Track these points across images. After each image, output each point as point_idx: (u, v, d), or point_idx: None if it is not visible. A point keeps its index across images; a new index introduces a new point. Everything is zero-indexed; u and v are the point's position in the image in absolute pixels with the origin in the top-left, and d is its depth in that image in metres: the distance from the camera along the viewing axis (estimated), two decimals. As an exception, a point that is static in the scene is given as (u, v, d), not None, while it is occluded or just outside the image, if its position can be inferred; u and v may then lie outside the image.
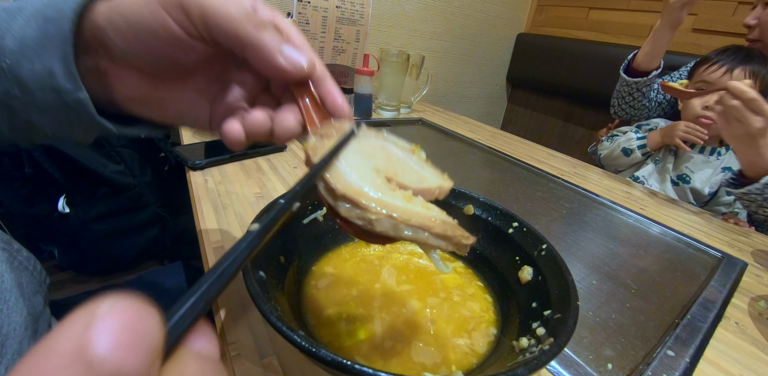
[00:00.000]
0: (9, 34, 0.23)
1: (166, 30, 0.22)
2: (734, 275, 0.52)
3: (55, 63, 0.22)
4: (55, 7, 0.22)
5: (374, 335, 0.30)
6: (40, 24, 0.22)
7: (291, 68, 0.22)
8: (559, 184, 0.77)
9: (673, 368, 0.35)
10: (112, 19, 0.22)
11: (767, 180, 0.62)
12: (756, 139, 0.61)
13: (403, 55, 1.05)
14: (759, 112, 0.59)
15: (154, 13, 0.21)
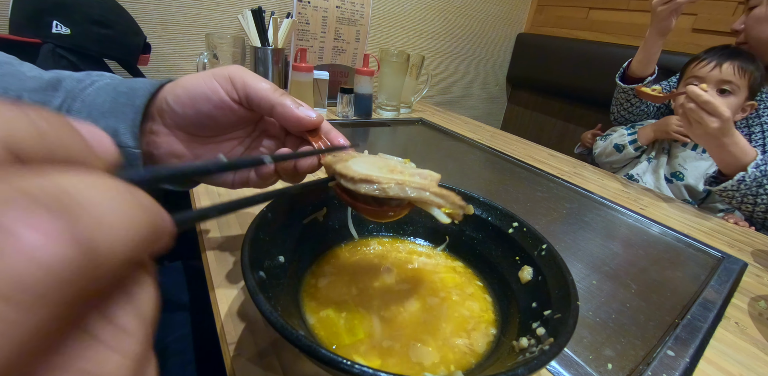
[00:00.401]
0: (79, 98, 0.30)
1: (217, 95, 0.30)
2: (734, 275, 0.52)
3: (120, 125, 0.30)
4: (127, 85, 0.31)
5: (373, 334, 0.30)
6: (112, 96, 0.30)
7: (307, 118, 0.31)
8: (559, 184, 0.77)
9: (673, 368, 0.35)
10: (174, 90, 0.30)
11: (740, 176, 0.66)
12: (718, 138, 0.65)
13: (403, 55, 1.05)
14: (714, 113, 0.64)
15: (209, 83, 0.30)
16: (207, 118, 0.31)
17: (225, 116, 0.31)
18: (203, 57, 0.85)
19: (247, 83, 0.30)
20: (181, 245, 0.71)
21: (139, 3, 0.89)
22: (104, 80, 0.32)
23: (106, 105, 0.30)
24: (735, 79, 0.80)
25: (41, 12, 0.67)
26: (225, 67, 0.30)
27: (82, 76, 0.32)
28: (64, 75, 0.33)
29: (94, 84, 0.31)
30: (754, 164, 0.65)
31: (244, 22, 0.88)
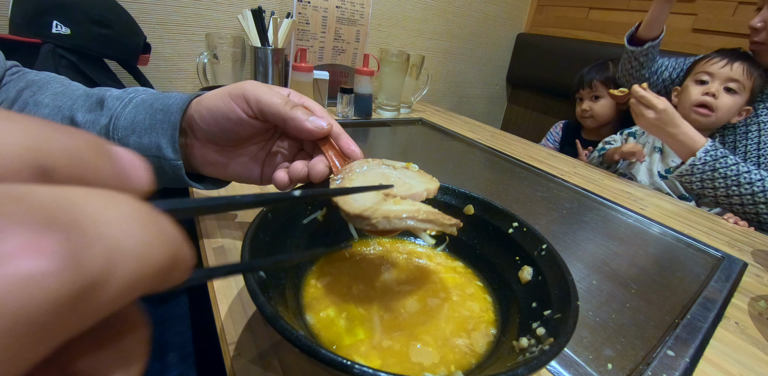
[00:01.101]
0: (122, 116, 0.34)
1: (235, 114, 0.33)
2: (734, 275, 0.52)
3: (162, 140, 0.34)
4: (161, 101, 0.35)
5: (373, 334, 0.30)
6: (150, 112, 0.34)
7: (316, 129, 0.33)
8: (559, 184, 0.77)
9: (673, 368, 0.35)
10: (199, 109, 0.34)
11: (691, 161, 0.73)
12: (662, 128, 0.75)
13: (403, 55, 1.05)
14: (649, 106, 0.74)
15: (227, 103, 0.33)
16: (230, 133, 0.34)
17: (245, 130, 0.34)
18: (203, 57, 0.85)
19: (260, 100, 0.32)
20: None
21: (139, 3, 0.89)
22: (139, 96, 0.36)
23: (147, 122, 0.34)
24: (742, 79, 0.82)
25: (41, 12, 0.67)
26: (240, 85, 0.33)
27: (121, 93, 0.36)
28: (106, 94, 0.36)
29: (132, 101, 0.35)
30: (704, 150, 0.72)
31: (244, 22, 0.88)
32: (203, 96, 0.34)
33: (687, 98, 0.88)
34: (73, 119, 0.35)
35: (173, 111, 0.34)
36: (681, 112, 0.89)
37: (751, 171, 0.71)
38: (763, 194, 0.71)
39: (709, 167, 0.72)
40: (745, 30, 0.89)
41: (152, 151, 0.34)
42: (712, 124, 0.87)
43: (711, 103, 0.84)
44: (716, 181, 0.72)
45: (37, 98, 0.37)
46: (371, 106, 1.06)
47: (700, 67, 0.88)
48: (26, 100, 0.37)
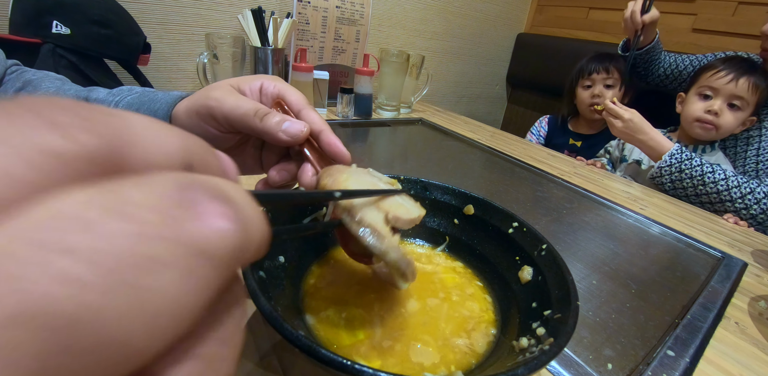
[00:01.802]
0: None
1: (208, 132, 0.31)
2: (734, 275, 0.52)
3: None
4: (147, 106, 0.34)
5: (373, 334, 0.30)
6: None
7: (290, 139, 0.30)
8: (559, 184, 0.77)
9: (673, 368, 0.35)
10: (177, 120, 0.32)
11: (659, 164, 0.80)
12: (632, 135, 0.84)
13: (403, 55, 1.05)
14: (616, 116, 0.85)
15: (196, 123, 0.31)
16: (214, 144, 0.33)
17: (227, 142, 0.33)
18: (203, 57, 0.85)
19: (228, 116, 0.29)
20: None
21: (139, 3, 0.89)
22: (125, 100, 0.35)
23: None
24: (747, 96, 0.82)
25: (41, 12, 0.67)
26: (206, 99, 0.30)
27: (106, 96, 0.36)
28: (91, 98, 0.36)
29: (117, 106, 0.35)
30: (669, 154, 0.79)
31: (244, 22, 0.88)
32: (176, 113, 0.32)
33: (689, 113, 0.88)
34: None
35: (159, 117, 0.33)
36: (684, 123, 0.90)
37: (715, 171, 0.76)
38: (727, 192, 0.75)
39: (675, 169, 0.78)
40: (746, 30, 0.89)
41: None
42: (714, 137, 0.88)
43: (712, 121, 0.84)
44: (684, 182, 0.78)
45: None
46: (371, 106, 1.06)
47: (705, 80, 0.86)
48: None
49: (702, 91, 0.86)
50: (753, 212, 0.75)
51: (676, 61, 1.06)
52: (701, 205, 0.80)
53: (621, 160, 1.05)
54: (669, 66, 1.07)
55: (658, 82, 1.11)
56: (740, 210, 0.76)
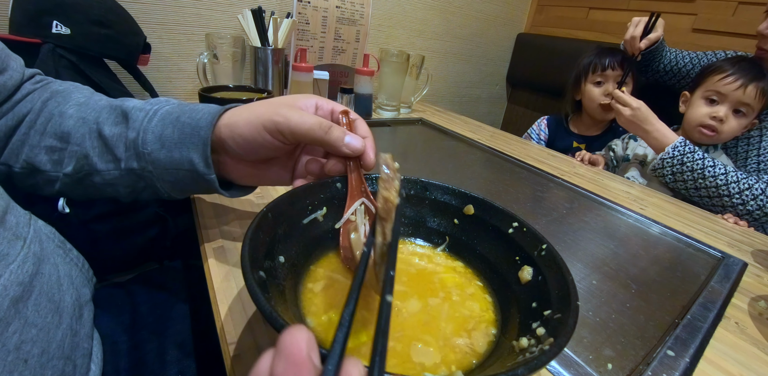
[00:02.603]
0: (149, 130, 0.35)
1: (269, 143, 0.34)
2: (734, 275, 0.52)
3: (194, 155, 0.35)
4: (188, 115, 0.35)
5: (374, 335, 0.30)
6: (177, 126, 0.35)
7: (351, 153, 0.35)
8: (559, 184, 0.77)
9: (673, 368, 0.35)
10: (233, 136, 0.34)
11: (661, 155, 0.81)
12: (639, 125, 0.84)
13: (403, 55, 1.05)
14: (624, 104, 0.85)
15: (262, 134, 0.33)
16: (265, 156, 0.37)
17: (282, 151, 0.37)
18: (203, 57, 0.86)
19: (295, 131, 0.33)
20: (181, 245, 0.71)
21: (139, 3, 0.89)
22: (164, 108, 0.37)
23: (176, 136, 0.35)
24: (754, 103, 0.82)
25: (41, 12, 0.67)
26: (271, 115, 0.33)
27: (143, 105, 0.37)
28: (128, 106, 0.37)
29: (157, 114, 0.36)
30: (672, 146, 0.80)
31: (244, 22, 0.88)
32: (233, 121, 0.35)
33: (693, 116, 0.88)
34: (100, 133, 0.36)
35: (202, 126, 0.34)
36: (686, 126, 0.90)
37: (716, 165, 0.77)
38: (726, 186, 0.76)
39: (677, 161, 0.79)
40: (746, 30, 0.89)
41: (185, 165, 0.35)
42: (714, 142, 0.88)
43: (716, 127, 0.84)
44: (685, 174, 0.80)
45: (62, 109, 0.37)
46: (371, 106, 1.06)
47: (713, 84, 0.85)
48: (51, 111, 0.37)
49: (709, 96, 0.86)
50: (750, 208, 0.76)
51: (676, 58, 1.06)
52: (700, 199, 0.81)
53: (624, 159, 1.04)
54: (669, 62, 1.07)
55: (658, 77, 1.11)
56: (737, 205, 0.76)
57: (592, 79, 1.10)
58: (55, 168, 0.37)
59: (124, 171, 0.36)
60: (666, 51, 1.06)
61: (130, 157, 0.36)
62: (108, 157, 0.36)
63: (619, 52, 1.08)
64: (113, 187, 0.38)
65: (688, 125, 0.89)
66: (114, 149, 0.36)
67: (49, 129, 0.37)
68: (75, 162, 0.36)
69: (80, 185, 0.38)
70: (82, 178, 0.37)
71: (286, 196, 0.34)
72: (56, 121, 0.37)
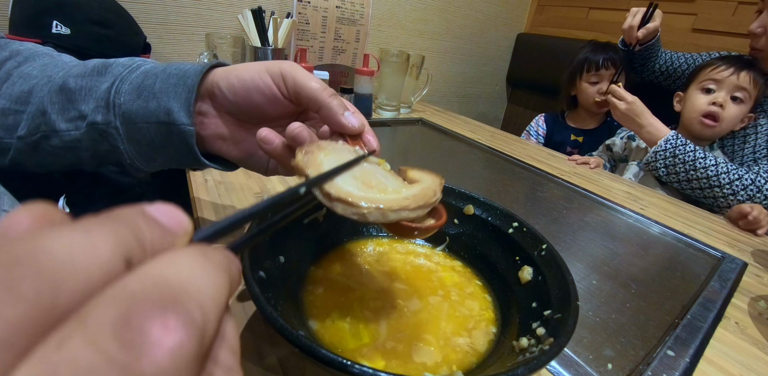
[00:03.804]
0: (127, 81, 0.32)
1: (270, 90, 0.31)
2: (734, 275, 0.52)
3: (173, 104, 0.31)
4: (176, 67, 0.32)
5: (378, 336, 0.30)
6: (162, 77, 0.32)
7: (348, 125, 0.31)
8: (559, 184, 0.77)
9: (673, 368, 0.35)
10: (228, 78, 0.31)
11: (654, 148, 0.83)
12: (633, 119, 0.86)
13: (403, 55, 1.05)
14: (620, 98, 0.87)
15: (263, 78, 0.31)
16: (257, 109, 0.32)
17: (274, 109, 0.32)
18: (203, 57, 0.86)
19: (298, 82, 0.30)
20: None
21: (139, 3, 0.89)
22: (149, 64, 0.34)
23: (157, 86, 0.31)
24: (749, 88, 0.83)
25: (41, 12, 0.67)
26: (278, 63, 0.31)
27: (127, 61, 0.34)
28: (110, 62, 0.33)
29: (140, 68, 0.33)
30: (665, 139, 0.82)
31: (244, 22, 0.88)
32: (234, 66, 0.32)
33: (693, 107, 0.88)
34: (64, 86, 0.32)
35: (190, 75, 0.31)
36: (685, 121, 0.90)
37: (707, 157, 0.78)
38: (716, 177, 0.77)
39: (669, 154, 0.81)
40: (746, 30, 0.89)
41: (159, 116, 0.31)
42: (715, 134, 0.88)
43: (718, 113, 0.84)
44: (677, 167, 0.81)
45: (23, 70, 0.34)
46: (371, 106, 1.06)
47: (706, 74, 0.87)
48: (9, 71, 0.34)
49: (705, 85, 0.86)
50: (740, 198, 0.77)
51: (671, 58, 1.07)
52: (692, 191, 0.82)
53: (622, 159, 1.04)
54: (664, 63, 1.08)
55: (653, 78, 1.12)
56: (728, 196, 0.78)
57: (587, 78, 1.12)
58: (8, 134, 0.33)
59: (85, 128, 0.32)
60: (661, 51, 1.07)
61: (96, 110, 0.31)
62: (70, 113, 0.32)
63: (613, 48, 1.09)
64: (74, 151, 0.34)
65: (687, 119, 0.89)
66: (79, 103, 0.32)
67: (4, 91, 0.33)
68: (30, 122, 0.32)
69: (36, 151, 0.34)
70: (37, 141, 0.33)
71: (286, 196, 0.33)
72: (14, 82, 0.33)
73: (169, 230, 0.11)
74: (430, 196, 0.25)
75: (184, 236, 0.12)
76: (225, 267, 0.11)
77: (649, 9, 0.97)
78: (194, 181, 0.55)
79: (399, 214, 0.23)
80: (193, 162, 0.34)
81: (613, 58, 1.08)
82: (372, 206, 0.22)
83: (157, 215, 0.11)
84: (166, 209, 0.12)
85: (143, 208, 0.12)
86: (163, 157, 0.34)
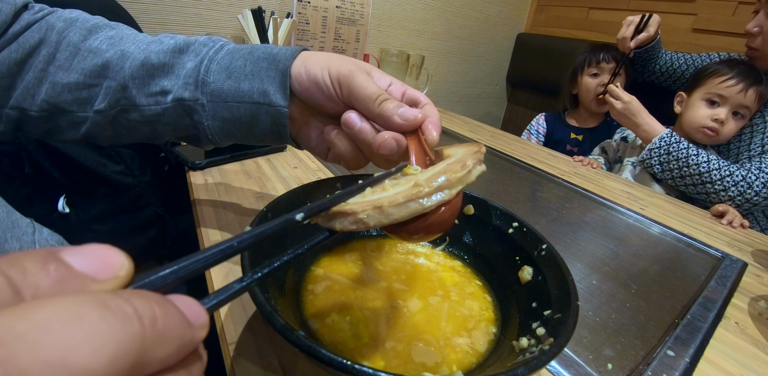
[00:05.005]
0: (215, 60, 0.33)
1: (327, 89, 0.31)
2: (734, 275, 0.52)
3: (269, 87, 0.32)
4: (263, 49, 0.33)
5: (378, 336, 0.30)
6: (251, 60, 0.32)
7: (404, 123, 0.30)
8: (559, 184, 0.77)
9: (673, 368, 0.35)
10: (300, 69, 0.32)
11: (649, 146, 0.86)
12: (630, 118, 0.89)
13: (403, 55, 1.05)
14: (617, 97, 0.91)
15: (325, 77, 0.31)
16: (317, 103, 0.33)
17: (331, 106, 0.33)
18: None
19: (353, 91, 0.30)
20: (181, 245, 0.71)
21: (139, 3, 0.89)
22: (231, 45, 0.34)
23: (247, 68, 0.32)
24: (753, 106, 0.84)
25: (41, 12, 0.67)
26: (344, 63, 0.31)
27: (207, 40, 0.34)
28: (191, 40, 0.34)
29: (223, 48, 0.33)
30: (659, 137, 0.85)
31: (244, 22, 0.88)
32: (308, 57, 0.32)
33: (694, 118, 0.89)
34: (145, 61, 0.32)
35: (281, 59, 0.32)
36: (684, 126, 0.91)
37: (699, 154, 0.81)
38: (708, 173, 0.80)
39: (664, 151, 0.84)
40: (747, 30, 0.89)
41: (253, 97, 0.32)
42: (711, 142, 0.90)
43: (717, 129, 0.86)
44: (671, 164, 0.83)
45: (90, 44, 0.33)
46: (371, 106, 1.06)
47: (713, 85, 0.86)
48: (77, 45, 0.33)
49: (710, 98, 0.87)
50: (731, 194, 0.78)
51: (671, 59, 1.07)
52: (686, 188, 0.84)
53: (616, 161, 1.05)
54: (665, 63, 1.08)
55: (653, 78, 1.13)
56: (719, 192, 0.79)
57: (588, 72, 1.15)
58: (83, 108, 0.33)
59: (170, 104, 0.33)
60: (662, 52, 1.08)
61: (183, 87, 0.32)
62: (152, 88, 0.32)
63: (613, 48, 1.11)
64: (151, 125, 0.34)
65: (688, 127, 0.90)
66: (161, 79, 0.32)
67: (76, 64, 0.33)
68: (110, 97, 0.33)
69: (112, 125, 0.34)
70: (115, 115, 0.33)
71: (286, 196, 0.34)
72: (85, 56, 0.33)
73: (82, 276, 0.10)
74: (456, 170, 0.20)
75: (111, 281, 0.10)
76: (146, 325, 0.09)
77: (642, 20, 0.99)
78: (194, 182, 0.55)
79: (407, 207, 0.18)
80: (275, 140, 0.35)
81: (614, 53, 1.10)
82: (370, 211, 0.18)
83: (74, 258, 0.10)
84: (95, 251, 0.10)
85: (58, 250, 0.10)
86: (245, 133, 0.35)
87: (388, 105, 0.30)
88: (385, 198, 0.18)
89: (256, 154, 0.67)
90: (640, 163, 0.89)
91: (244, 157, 0.65)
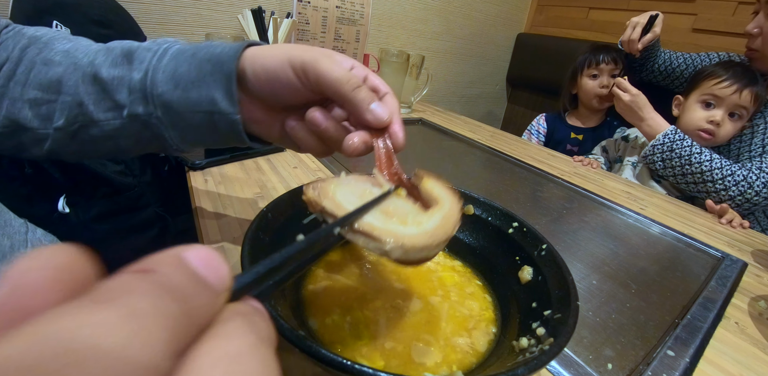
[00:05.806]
0: (160, 69, 0.31)
1: (291, 82, 0.30)
2: (734, 275, 0.52)
3: (216, 93, 0.30)
4: (205, 51, 0.31)
5: (378, 336, 0.30)
6: (194, 64, 0.31)
7: (374, 121, 0.30)
8: (559, 184, 0.77)
9: (673, 368, 0.35)
10: (254, 67, 0.30)
11: (653, 142, 0.85)
12: (636, 112, 0.88)
13: (403, 55, 1.05)
14: (625, 90, 0.89)
15: (285, 70, 0.30)
16: (281, 98, 0.32)
17: (299, 99, 0.32)
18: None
19: (320, 75, 0.29)
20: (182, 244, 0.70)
21: (139, 3, 0.89)
22: (174, 46, 0.33)
23: (192, 74, 0.31)
24: (749, 106, 0.84)
25: (41, 12, 0.67)
26: (303, 52, 0.30)
27: (150, 44, 0.33)
28: (134, 47, 0.32)
29: (167, 52, 0.32)
30: (663, 134, 0.84)
31: (244, 22, 0.88)
32: (259, 53, 0.31)
33: (690, 120, 0.89)
34: (96, 76, 0.31)
35: (224, 60, 0.30)
36: (682, 128, 0.91)
37: (702, 152, 0.81)
38: (710, 172, 0.79)
39: (667, 148, 0.83)
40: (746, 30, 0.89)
41: (203, 106, 0.31)
42: (709, 145, 0.89)
43: (713, 131, 0.86)
44: (673, 161, 0.83)
45: (46, 56, 0.33)
46: (371, 106, 1.06)
47: (708, 87, 0.86)
48: (32, 59, 0.33)
49: (705, 100, 0.87)
50: (732, 193, 0.78)
51: (670, 58, 1.07)
52: (686, 185, 0.84)
53: (616, 160, 1.05)
54: (663, 63, 1.08)
55: (652, 78, 1.12)
56: (720, 191, 0.79)
57: (587, 73, 1.15)
58: (43, 125, 0.33)
59: (126, 119, 0.32)
60: (660, 52, 1.07)
61: (134, 102, 0.31)
62: (107, 104, 0.32)
63: (613, 49, 1.11)
64: (113, 140, 0.33)
65: (685, 129, 0.90)
66: (114, 94, 0.31)
67: (32, 79, 0.32)
68: (67, 113, 0.32)
69: (74, 141, 0.33)
70: (76, 131, 0.33)
71: (286, 196, 0.34)
72: (40, 70, 0.32)
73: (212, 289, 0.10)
74: (449, 228, 0.24)
75: (224, 293, 0.10)
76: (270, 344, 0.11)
77: (650, 20, 0.97)
78: (194, 182, 0.56)
79: (421, 253, 0.22)
80: (238, 143, 0.34)
81: (613, 54, 1.10)
82: (396, 245, 0.21)
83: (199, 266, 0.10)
84: (206, 257, 0.10)
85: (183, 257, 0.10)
86: (210, 141, 0.34)
87: (361, 94, 0.29)
88: (408, 239, 0.21)
89: (256, 154, 0.67)
90: (642, 159, 0.88)
91: (244, 157, 0.65)
